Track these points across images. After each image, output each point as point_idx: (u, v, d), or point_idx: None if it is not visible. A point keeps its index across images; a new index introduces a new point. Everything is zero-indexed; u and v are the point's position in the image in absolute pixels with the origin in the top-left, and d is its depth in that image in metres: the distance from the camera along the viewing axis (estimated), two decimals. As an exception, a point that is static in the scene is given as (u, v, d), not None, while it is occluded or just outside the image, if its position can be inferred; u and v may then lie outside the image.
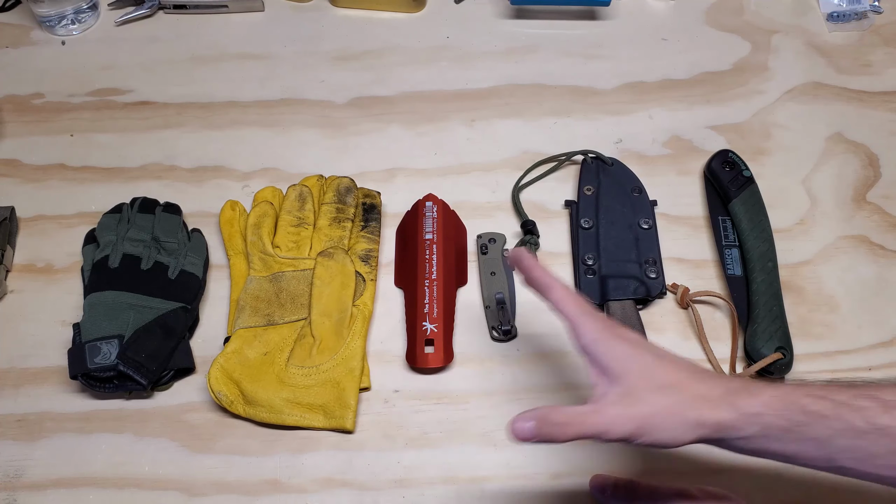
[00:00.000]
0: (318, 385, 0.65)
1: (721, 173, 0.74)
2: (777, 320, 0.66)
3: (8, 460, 0.64)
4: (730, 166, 0.75)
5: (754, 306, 0.67)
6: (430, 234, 0.71)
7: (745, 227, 0.71)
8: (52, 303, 0.71)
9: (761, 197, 0.73)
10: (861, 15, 0.88)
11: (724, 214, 0.73)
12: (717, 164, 0.75)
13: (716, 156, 0.76)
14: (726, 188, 0.73)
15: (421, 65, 0.86)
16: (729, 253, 0.71)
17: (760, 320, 0.66)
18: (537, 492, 0.62)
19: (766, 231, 0.71)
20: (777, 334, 0.66)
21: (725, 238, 0.72)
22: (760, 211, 0.72)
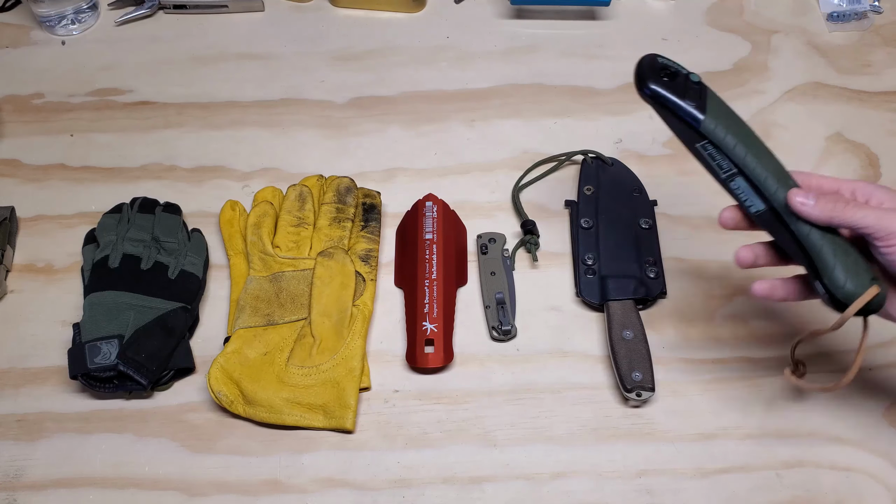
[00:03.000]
0: (318, 385, 0.65)
1: (666, 89, 0.54)
2: (844, 247, 0.53)
3: (8, 460, 0.64)
4: (669, 75, 0.54)
5: (809, 242, 0.53)
6: (430, 234, 0.71)
7: (738, 146, 0.54)
8: (52, 303, 0.71)
9: (724, 101, 0.56)
10: (861, 15, 0.88)
11: (698, 139, 0.54)
12: (654, 79, 0.54)
13: (643, 70, 0.54)
14: (683, 107, 0.53)
15: (421, 65, 0.86)
16: (735, 185, 0.54)
17: (829, 256, 0.53)
18: (537, 492, 0.62)
19: (762, 143, 0.55)
20: (856, 265, 0.53)
21: (721, 169, 0.54)
22: (739, 120, 0.55)
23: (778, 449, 0.63)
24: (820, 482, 0.62)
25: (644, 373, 0.65)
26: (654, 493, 0.62)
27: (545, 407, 0.66)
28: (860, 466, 0.62)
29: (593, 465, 0.63)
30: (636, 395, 0.64)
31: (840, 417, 0.65)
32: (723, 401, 0.65)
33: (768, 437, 0.64)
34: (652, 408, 0.65)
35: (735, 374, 0.67)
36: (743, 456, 0.63)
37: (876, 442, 0.63)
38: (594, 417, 0.65)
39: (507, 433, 0.64)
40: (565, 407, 0.66)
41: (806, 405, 0.65)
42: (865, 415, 0.65)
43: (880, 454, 0.63)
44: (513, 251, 0.73)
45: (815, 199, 0.52)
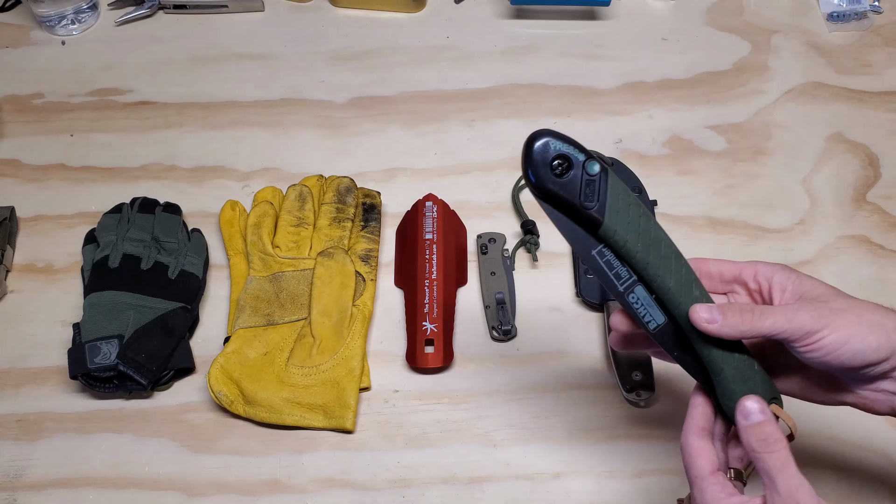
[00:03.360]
0: (318, 385, 0.65)
1: (561, 188, 0.44)
2: (743, 371, 0.47)
3: (8, 460, 0.64)
4: (563, 166, 0.44)
5: (710, 363, 0.47)
6: (430, 234, 0.71)
7: (641, 251, 0.46)
8: (52, 303, 0.71)
9: (629, 192, 0.46)
10: (861, 15, 0.88)
11: (595, 244, 0.46)
12: (544, 172, 0.44)
13: (534, 162, 0.44)
14: (580, 206, 0.45)
15: (421, 65, 0.86)
16: (634, 297, 0.47)
17: (728, 382, 0.47)
18: (537, 492, 0.62)
19: (668, 242, 0.47)
20: (753, 390, 0.47)
21: (619, 278, 0.47)
22: (642, 214, 0.46)
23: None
24: (820, 482, 0.62)
25: (644, 373, 0.65)
26: (653, 493, 0.62)
27: (545, 407, 0.66)
28: (860, 466, 0.62)
29: (593, 465, 0.63)
30: (636, 395, 0.64)
31: (840, 417, 0.64)
32: (723, 401, 0.65)
33: (768, 437, 0.64)
34: (652, 408, 0.65)
35: (735, 374, 0.67)
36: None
37: (876, 442, 0.63)
38: (594, 417, 0.65)
39: (507, 433, 0.64)
40: (565, 407, 0.66)
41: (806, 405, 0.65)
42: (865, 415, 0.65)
43: (880, 454, 0.63)
44: (513, 251, 0.73)
45: (721, 314, 0.45)
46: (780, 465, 0.42)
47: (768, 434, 0.43)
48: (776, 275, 0.48)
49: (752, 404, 0.45)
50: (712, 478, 0.44)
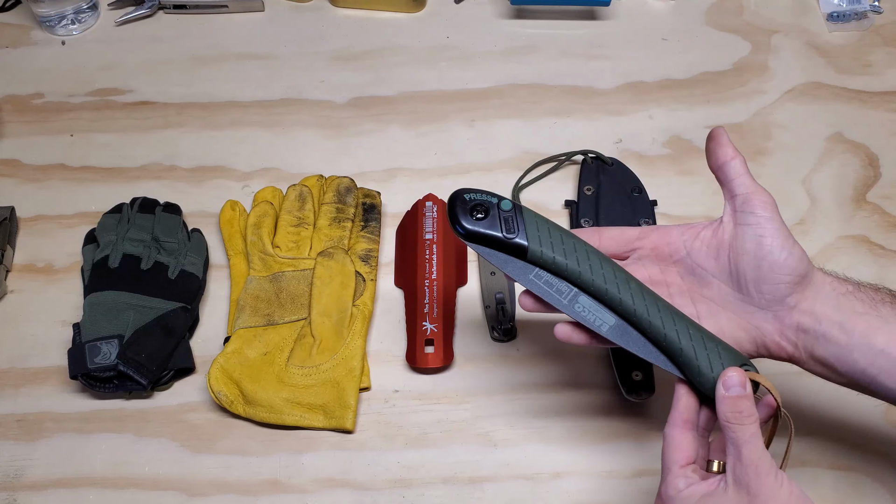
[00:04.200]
0: (318, 385, 0.65)
1: (483, 226, 0.52)
2: (703, 340, 0.49)
3: (8, 460, 0.64)
4: (481, 211, 0.52)
5: (668, 344, 0.50)
6: (430, 234, 0.71)
7: (571, 262, 0.51)
8: (52, 303, 0.71)
9: (544, 217, 0.53)
10: (861, 15, 0.88)
11: (530, 268, 0.52)
12: (467, 220, 0.52)
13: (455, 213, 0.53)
14: (504, 240, 0.51)
15: (421, 65, 0.86)
16: (580, 306, 0.51)
17: (692, 357, 0.49)
18: (537, 492, 0.62)
19: (589, 248, 0.52)
20: (720, 357, 0.49)
21: (561, 294, 0.52)
22: (561, 232, 0.52)
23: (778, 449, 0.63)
24: (820, 482, 0.62)
25: (644, 373, 0.65)
26: (653, 493, 0.61)
27: (545, 407, 0.66)
28: (860, 466, 0.62)
29: (593, 465, 0.63)
30: (636, 395, 0.64)
31: (840, 417, 0.64)
32: (723, 401, 0.65)
33: (768, 437, 0.64)
34: (652, 408, 0.65)
35: (735, 374, 0.67)
36: None
37: (876, 442, 0.63)
38: (594, 417, 0.65)
39: (507, 433, 0.64)
40: (565, 407, 0.66)
41: (806, 405, 0.65)
42: (865, 415, 0.65)
43: (880, 454, 0.63)
44: (513, 251, 0.73)
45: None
46: (748, 437, 0.45)
47: (744, 407, 0.46)
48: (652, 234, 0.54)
49: (736, 377, 0.47)
50: (680, 471, 0.47)
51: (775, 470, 0.45)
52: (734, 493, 0.44)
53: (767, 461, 0.45)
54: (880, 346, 0.48)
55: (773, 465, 0.45)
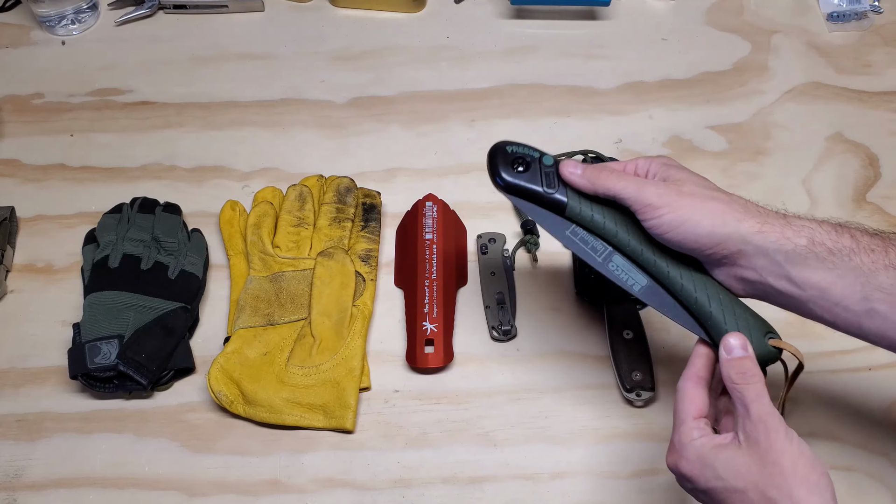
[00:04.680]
0: (318, 385, 0.65)
1: (524, 180, 0.53)
2: (733, 307, 0.51)
3: (8, 460, 0.64)
4: (522, 164, 0.54)
5: (698, 308, 0.51)
6: (430, 234, 0.71)
7: (608, 222, 0.52)
8: (52, 303, 0.71)
9: None
10: (861, 15, 0.88)
11: (567, 225, 0.53)
12: (508, 172, 0.54)
13: (496, 165, 0.54)
14: (545, 193, 0.53)
15: (421, 65, 0.86)
16: (614, 265, 0.52)
17: (720, 322, 0.50)
18: (537, 492, 0.62)
19: (627, 213, 0.52)
20: (747, 325, 0.50)
21: (596, 252, 0.53)
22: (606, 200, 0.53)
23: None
24: (820, 482, 0.62)
25: (644, 373, 0.65)
26: (653, 492, 0.62)
27: (545, 407, 0.66)
28: (860, 466, 0.62)
29: (593, 465, 0.63)
30: (636, 395, 0.64)
31: (840, 417, 0.64)
32: (723, 401, 0.65)
33: (768, 437, 0.64)
34: (652, 408, 0.65)
35: (735, 374, 0.67)
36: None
37: (876, 442, 0.63)
38: (594, 417, 0.65)
39: (507, 433, 0.64)
40: (565, 407, 0.66)
41: (806, 405, 0.65)
42: (865, 415, 0.65)
43: (880, 454, 0.63)
44: (513, 251, 0.73)
45: (581, 168, 0.52)
46: (755, 395, 0.46)
47: (747, 368, 0.47)
48: (652, 165, 0.53)
49: (735, 340, 0.48)
50: (693, 422, 0.48)
51: (785, 427, 0.45)
52: (746, 448, 0.45)
53: (777, 418, 0.45)
54: (835, 298, 0.48)
55: (782, 423, 0.45)
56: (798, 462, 0.44)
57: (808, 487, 0.44)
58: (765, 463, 0.44)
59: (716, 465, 0.46)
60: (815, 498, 0.44)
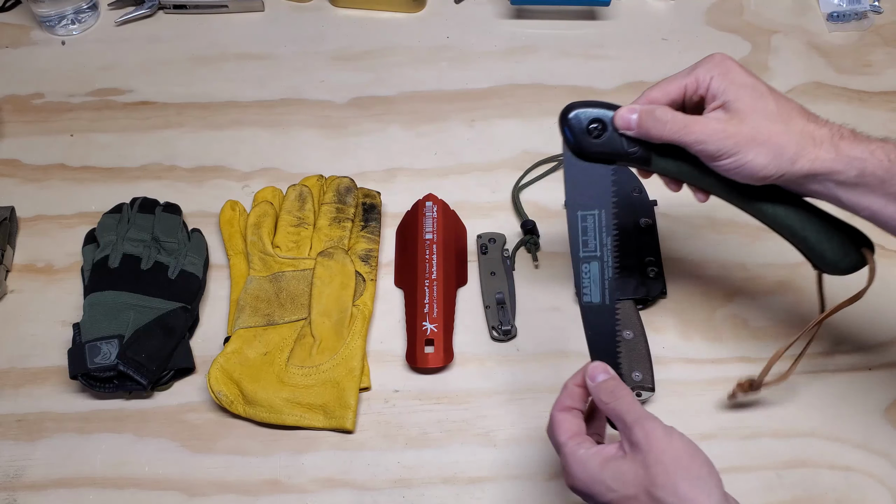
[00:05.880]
0: (318, 385, 0.65)
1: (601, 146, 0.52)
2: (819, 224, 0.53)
3: (8, 460, 0.64)
4: (598, 128, 0.52)
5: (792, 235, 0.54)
6: (430, 234, 0.71)
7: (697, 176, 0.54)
8: (52, 303, 0.71)
9: None
10: (861, 15, 0.88)
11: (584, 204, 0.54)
12: (584, 139, 0.52)
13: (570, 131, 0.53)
14: (627, 154, 0.53)
15: (421, 65, 0.86)
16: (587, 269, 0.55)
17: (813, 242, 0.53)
18: (537, 492, 0.62)
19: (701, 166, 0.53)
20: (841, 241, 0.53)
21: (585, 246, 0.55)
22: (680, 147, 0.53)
23: (778, 449, 0.63)
24: (820, 482, 0.62)
25: (644, 373, 0.65)
26: (654, 493, 0.62)
27: (545, 407, 0.65)
28: (860, 466, 0.62)
29: (593, 465, 0.63)
30: (636, 395, 0.64)
31: (840, 417, 0.64)
32: (723, 401, 0.65)
33: (768, 437, 0.64)
34: (652, 408, 0.65)
35: (735, 374, 0.67)
36: (743, 456, 0.63)
37: (876, 442, 0.63)
38: (594, 417, 0.65)
39: (507, 433, 0.64)
40: (565, 407, 0.65)
41: (806, 405, 0.65)
42: (865, 415, 0.65)
43: (880, 454, 0.63)
44: (513, 251, 0.73)
45: (637, 122, 0.51)
46: (627, 406, 0.49)
47: (613, 388, 0.50)
48: (712, 80, 0.52)
49: (597, 367, 0.52)
50: (571, 441, 0.50)
51: (663, 426, 0.47)
52: (631, 455, 0.47)
53: (653, 420, 0.48)
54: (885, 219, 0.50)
55: (659, 423, 0.48)
56: (679, 457, 0.46)
57: (690, 481, 0.45)
58: (648, 465, 0.46)
59: (605, 478, 0.47)
60: (697, 491, 0.45)
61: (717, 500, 0.45)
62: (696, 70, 0.52)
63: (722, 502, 0.45)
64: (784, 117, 0.50)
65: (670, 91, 0.53)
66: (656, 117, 0.51)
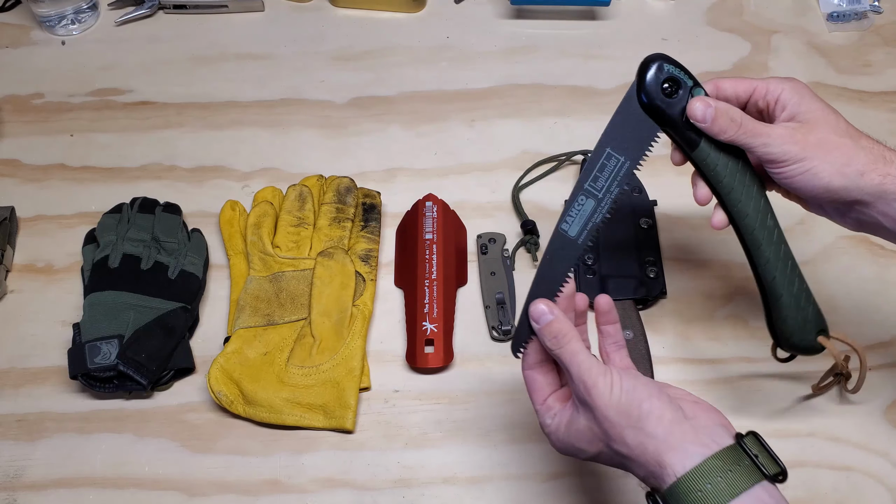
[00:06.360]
0: (318, 385, 0.65)
1: (666, 104, 0.52)
2: (799, 298, 0.54)
3: (8, 460, 0.64)
4: (672, 86, 0.52)
5: (770, 287, 0.55)
6: (430, 234, 0.71)
7: (727, 180, 0.53)
8: (52, 303, 0.71)
9: None
10: (861, 15, 0.88)
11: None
12: (655, 89, 0.51)
13: (645, 76, 0.51)
14: (681, 124, 0.52)
15: (421, 65, 0.86)
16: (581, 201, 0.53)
17: (785, 306, 0.54)
18: (537, 492, 0.62)
19: (755, 181, 0.54)
20: (804, 321, 0.55)
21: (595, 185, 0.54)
22: (739, 154, 0.53)
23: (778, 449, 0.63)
24: (820, 482, 0.62)
25: (644, 373, 0.64)
26: (654, 493, 0.62)
27: (545, 407, 0.66)
28: (860, 466, 0.62)
29: (592, 464, 0.63)
30: (636, 395, 0.64)
31: (840, 417, 0.65)
32: (723, 401, 0.65)
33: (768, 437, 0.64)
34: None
35: (735, 374, 0.67)
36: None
37: (876, 442, 0.63)
38: (594, 417, 0.65)
39: (507, 433, 0.64)
40: (565, 407, 0.65)
41: (806, 405, 0.65)
42: (865, 415, 0.65)
43: (880, 454, 0.63)
44: (513, 251, 0.73)
45: (712, 117, 0.51)
46: (571, 354, 0.48)
47: (557, 330, 0.49)
48: (783, 92, 0.52)
49: (541, 307, 0.50)
50: (542, 407, 0.50)
51: (604, 377, 0.47)
52: (583, 412, 0.47)
53: (594, 371, 0.47)
54: None
55: (601, 373, 0.47)
56: (621, 409, 0.46)
57: (634, 428, 0.45)
58: (599, 421, 0.46)
59: (573, 441, 0.48)
60: (642, 435, 0.45)
61: (664, 430, 0.45)
62: (769, 79, 0.53)
63: (671, 427, 0.45)
64: (853, 135, 0.51)
65: (740, 89, 0.54)
66: (731, 117, 0.51)
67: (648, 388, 0.46)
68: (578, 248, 0.53)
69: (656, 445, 0.44)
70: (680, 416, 0.46)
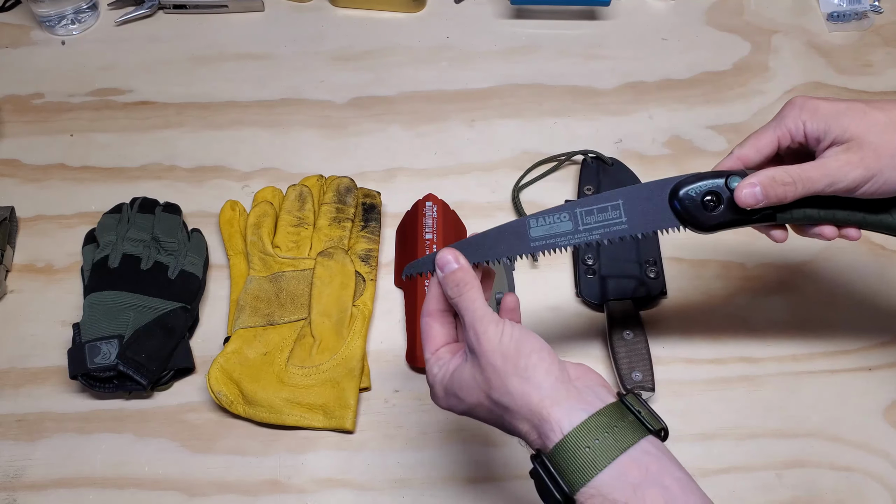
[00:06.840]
0: (317, 385, 0.65)
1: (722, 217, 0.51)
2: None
3: (8, 460, 0.64)
4: (714, 200, 0.51)
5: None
6: (430, 234, 0.71)
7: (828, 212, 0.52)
8: (52, 303, 0.71)
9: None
10: (861, 15, 0.88)
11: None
12: (702, 215, 0.51)
13: (685, 210, 0.51)
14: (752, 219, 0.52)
15: (421, 65, 0.86)
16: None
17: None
18: (537, 492, 0.62)
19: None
20: None
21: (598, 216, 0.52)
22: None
23: (778, 449, 0.63)
24: (820, 482, 0.62)
25: (644, 373, 0.65)
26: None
27: (545, 407, 0.66)
28: (860, 466, 0.62)
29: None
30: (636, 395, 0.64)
31: (840, 417, 0.65)
32: (723, 401, 0.65)
33: (768, 437, 0.64)
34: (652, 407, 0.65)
35: (735, 374, 0.67)
36: (743, 456, 0.63)
37: (876, 442, 0.63)
38: (594, 417, 0.65)
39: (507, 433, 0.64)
40: (565, 407, 0.65)
41: (806, 405, 0.65)
42: (865, 415, 0.65)
43: (880, 454, 0.63)
44: (513, 251, 0.73)
45: (763, 193, 0.49)
46: (468, 302, 0.47)
47: (460, 279, 0.48)
48: (806, 124, 0.51)
49: (447, 255, 0.49)
50: (433, 357, 0.49)
51: (496, 325, 0.46)
52: (471, 360, 0.47)
53: (486, 321, 0.46)
54: None
55: (492, 322, 0.46)
56: (507, 355, 0.45)
57: (519, 375, 0.45)
58: (483, 368, 0.46)
59: (455, 390, 0.47)
60: (527, 385, 0.44)
61: (550, 384, 0.44)
62: (783, 121, 0.52)
63: (557, 384, 0.44)
64: (889, 121, 0.49)
65: (762, 147, 0.52)
66: (780, 182, 0.49)
67: (540, 343, 0.46)
68: (525, 249, 0.52)
69: (541, 398, 0.44)
70: (565, 375, 0.46)
